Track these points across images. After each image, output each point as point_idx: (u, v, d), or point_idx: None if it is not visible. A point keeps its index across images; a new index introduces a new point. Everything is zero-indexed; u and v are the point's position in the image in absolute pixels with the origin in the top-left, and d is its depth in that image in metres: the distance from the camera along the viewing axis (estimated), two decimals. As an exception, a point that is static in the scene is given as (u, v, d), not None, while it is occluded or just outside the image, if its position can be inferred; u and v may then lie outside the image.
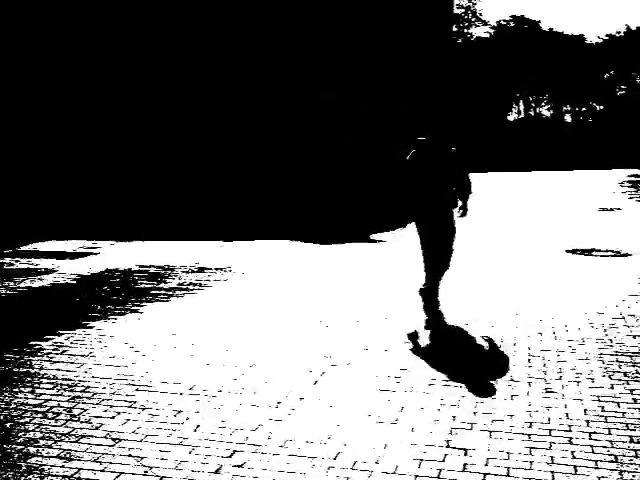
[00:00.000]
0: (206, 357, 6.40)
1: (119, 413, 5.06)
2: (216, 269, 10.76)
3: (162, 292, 9.18)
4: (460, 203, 8.39)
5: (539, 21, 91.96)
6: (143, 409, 5.14)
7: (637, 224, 16.49)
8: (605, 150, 65.22)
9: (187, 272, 10.54)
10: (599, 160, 65.11)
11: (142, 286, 9.58)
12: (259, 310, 8.14)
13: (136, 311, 8.17)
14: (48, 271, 10.70)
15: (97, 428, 4.80)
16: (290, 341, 6.88)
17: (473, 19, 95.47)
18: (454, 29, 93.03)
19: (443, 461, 4.27)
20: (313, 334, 7.11)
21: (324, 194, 19.32)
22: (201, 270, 10.70)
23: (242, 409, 5.12)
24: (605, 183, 33.31)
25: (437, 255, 8.02)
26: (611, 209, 20.38)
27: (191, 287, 9.48)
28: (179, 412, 5.08)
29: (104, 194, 19.61)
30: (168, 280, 9.96)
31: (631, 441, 4.50)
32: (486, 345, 6.67)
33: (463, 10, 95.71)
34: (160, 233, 15.21)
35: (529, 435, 4.62)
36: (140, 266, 11.10)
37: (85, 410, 5.12)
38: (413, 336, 7.00)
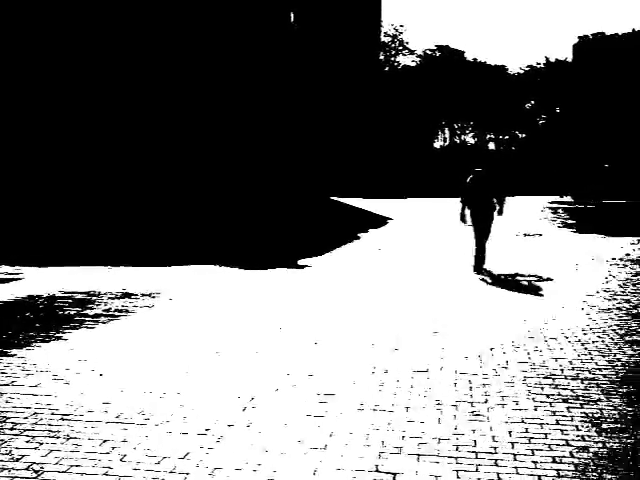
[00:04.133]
0: (133, 385, 6.29)
1: (42, 444, 4.92)
2: (142, 295, 10.61)
3: (87, 318, 9.00)
4: (498, 208, 14.03)
5: (464, 51, 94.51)
6: (67, 439, 5.00)
7: (557, 249, 16.98)
8: (527, 177, 67.08)
9: (113, 298, 10.36)
10: (522, 187, 66.90)
11: (67, 312, 9.37)
12: (186, 337, 8.05)
13: (60, 338, 7.98)
14: (-33, 297, 10.36)
15: (18, 460, 4.65)
16: (217, 367, 6.82)
17: (400, 47, 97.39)
18: (381, 57, 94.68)
19: (372, 486, 4.29)
20: (240, 360, 7.07)
21: (252, 219, 19.28)
22: (127, 296, 10.53)
23: (170, 437, 5.04)
24: (527, 209, 34.20)
25: (482, 233, 13.38)
26: (533, 235, 20.94)
27: (117, 313, 9.31)
28: (105, 441, 4.97)
29: (27, 218, 19.15)
30: (93, 306, 9.77)
31: (553, 461, 4.61)
32: (415, 369, 6.75)
33: (390, 39, 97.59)
34: (86, 258, 14.91)
35: (456, 458, 4.68)
36: (65, 292, 10.86)
37: (5, 442, 4.96)
38: (342, 360, 7.04)
